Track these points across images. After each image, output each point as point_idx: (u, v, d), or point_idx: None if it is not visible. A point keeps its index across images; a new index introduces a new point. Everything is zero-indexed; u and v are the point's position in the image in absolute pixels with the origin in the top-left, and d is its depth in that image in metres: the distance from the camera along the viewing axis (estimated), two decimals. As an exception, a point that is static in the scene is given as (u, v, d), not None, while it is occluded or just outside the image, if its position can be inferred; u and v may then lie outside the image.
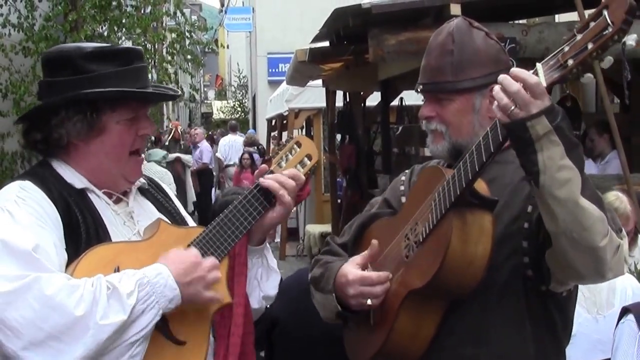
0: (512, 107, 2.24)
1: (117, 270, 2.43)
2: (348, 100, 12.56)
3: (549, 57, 2.26)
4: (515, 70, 2.28)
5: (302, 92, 14.79)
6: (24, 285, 2.26)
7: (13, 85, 11.38)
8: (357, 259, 2.77)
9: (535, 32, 6.76)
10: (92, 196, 2.65)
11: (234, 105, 37.65)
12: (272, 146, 19.29)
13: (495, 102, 2.29)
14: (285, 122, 17.15)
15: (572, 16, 8.86)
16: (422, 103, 2.81)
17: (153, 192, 2.94)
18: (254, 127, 28.21)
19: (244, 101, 36.92)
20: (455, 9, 6.49)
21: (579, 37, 2.20)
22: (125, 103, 2.64)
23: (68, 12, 11.51)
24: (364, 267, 2.75)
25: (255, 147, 20.58)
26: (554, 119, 2.24)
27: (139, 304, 2.33)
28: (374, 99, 12.73)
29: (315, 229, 14.36)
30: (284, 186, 2.69)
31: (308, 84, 13.34)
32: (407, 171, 3.12)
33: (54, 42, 11.22)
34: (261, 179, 2.70)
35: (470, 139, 2.65)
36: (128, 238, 2.66)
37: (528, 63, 2.71)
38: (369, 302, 2.66)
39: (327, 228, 13.73)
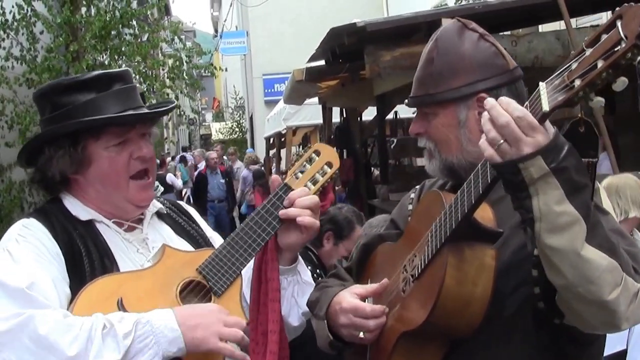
0: (501, 142, 1.91)
1: (120, 302, 2.38)
2: (345, 115, 12.79)
3: (554, 75, 1.88)
4: (503, 99, 1.93)
5: (299, 110, 15.11)
6: (18, 325, 2.21)
7: (18, 116, 11.61)
8: (358, 289, 2.52)
9: (524, 42, 6.97)
10: (100, 226, 2.60)
11: (232, 126, 37.93)
12: (272, 163, 19.47)
13: (483, 135, 1.97)
14: (283, 139, 17.39)
15: (555, 26, 9.13)
16: (414, 115, 2.52)
17: (174, 215, 2.86)
18: (252, 146, 28.49)
19: (241, 122, 37.26)
20: (447, 23, 6.63)
21: (588, 52, 1.81)
22: (106, 129, 2.56)
23: (69, 43, 11.77)
24: (363, 299, 2.48)
25: (260, 165, 20.64)
26: (554, 158, 1.89)
27: (135, 343, 2.25)
28: (369, 114, 13.02)
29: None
30: (305, 208, 2.59)
31: (305, 102, 13.55)
32: (416, 187, 2.82)
33: (56, 72, 11.48)
34: (281, 212, 2.59)
35: (461, 156, 2.39)
36: (141, 265, 2.58)
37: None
38: (361, 335, 2.40)
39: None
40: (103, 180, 2.59)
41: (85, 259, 2.47)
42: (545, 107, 1.86)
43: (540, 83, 1.89)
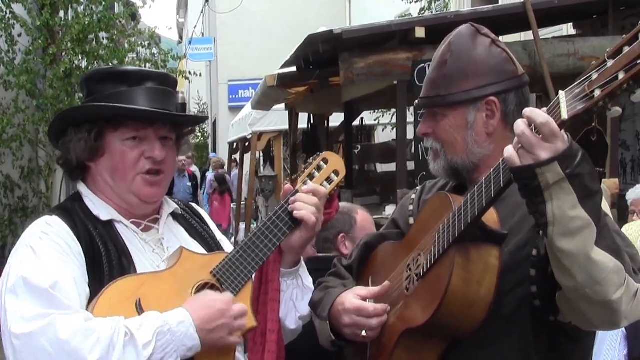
0: (519, 146, 2.00)
1: (139, 303, 2.39)
2: (313, 121, 13.00)
3: (574, 84, 1.93)
4: (527, 109, 1.98)
5: (265, 115, 15.26)
6: (40, 328, 2.22)
7: (-5, 118, 11.69)
8: (361, 290, 2.57)
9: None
10: (119, 226, 2.63)
11: (195, 130, 37.85)
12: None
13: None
14: (247, 144, 17.53)
15: (516, 37, 9.50)
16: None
17: (188, 217, 2.89)
18: (215, 151, 28.62)
19: (203, 127, 37.32)
20: (420, 31, 6.95)
21: (609, 63, 1.84)
22: (125, 122, 2.59)
23: (47, 45, 11.88)
24: (364, 300, 2.53)
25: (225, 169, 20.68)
26: (569, 164, 1.96)
27: (156, 354, 2.27)
28: (335, 120, 13.32)
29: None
30: (308, 204, 2.64)
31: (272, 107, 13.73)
32: (417, 188, 2.88)
33: (34, 75, 11.58)
34: (290, 206, 2.64)
35: (466, 157, 2.47)
36: (157, 265, 2.61)
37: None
38: (363, 333, 2.48)
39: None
40: (112, 171, 2.62)
41: (105, 259, 2.50)
42: (565, 115, 1.91)
43: (560, 92, 1.95)
